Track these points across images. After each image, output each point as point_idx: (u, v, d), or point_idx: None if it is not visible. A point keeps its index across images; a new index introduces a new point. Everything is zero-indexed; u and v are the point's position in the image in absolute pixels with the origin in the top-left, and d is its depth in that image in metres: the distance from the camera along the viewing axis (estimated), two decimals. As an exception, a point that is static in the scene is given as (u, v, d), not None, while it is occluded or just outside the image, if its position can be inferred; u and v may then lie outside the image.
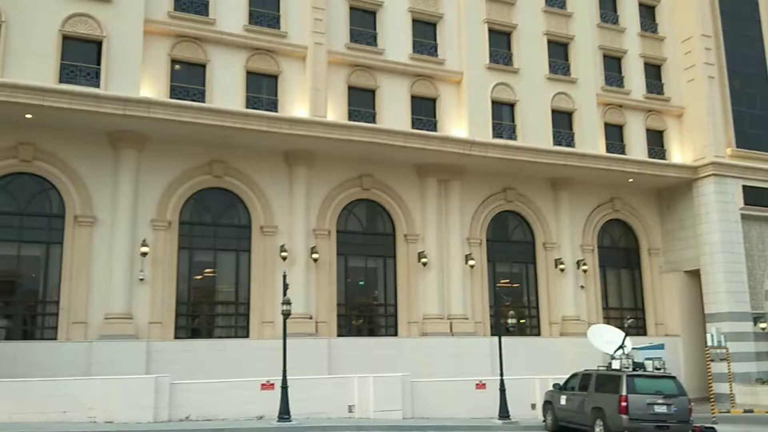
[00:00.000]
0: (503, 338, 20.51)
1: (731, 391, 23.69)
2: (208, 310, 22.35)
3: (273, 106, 22.87)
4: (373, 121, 23.99)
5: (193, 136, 21.25)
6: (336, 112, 23.44)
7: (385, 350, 22.75)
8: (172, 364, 19.53)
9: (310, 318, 22.36)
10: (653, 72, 29.71)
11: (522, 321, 26.40)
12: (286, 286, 18.28)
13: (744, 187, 27.83)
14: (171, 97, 21.26)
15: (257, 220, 22.64)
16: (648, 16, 30.23)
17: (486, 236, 26.05)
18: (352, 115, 23.77)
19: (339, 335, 22.97)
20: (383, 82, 24.49)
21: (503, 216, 26.75)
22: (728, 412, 22.80)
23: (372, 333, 24.26)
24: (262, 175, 22.75)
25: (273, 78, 23.16)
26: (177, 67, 22.03)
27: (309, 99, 22.85)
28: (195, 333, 21.85)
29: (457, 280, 24.66)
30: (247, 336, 21.94)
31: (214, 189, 22.43)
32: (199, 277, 22.24)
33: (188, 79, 22.06)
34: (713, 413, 20.30)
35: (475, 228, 25.70)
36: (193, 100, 21.38)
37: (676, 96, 29.46)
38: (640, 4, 30.00)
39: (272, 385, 17.93)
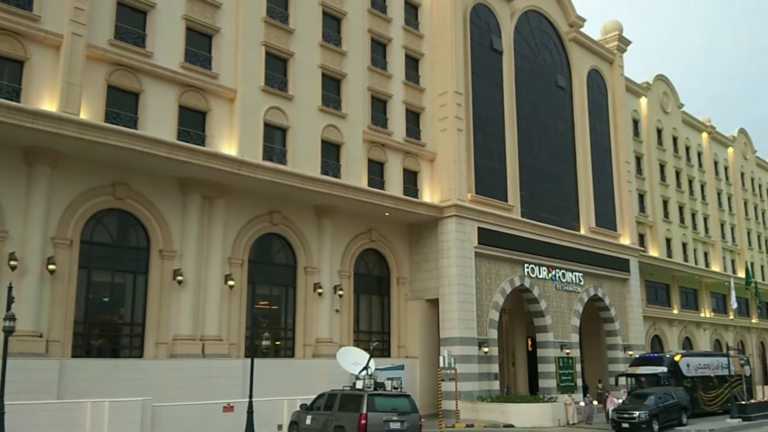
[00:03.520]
0: (258, 360, 20.40)
1: (457, 407, 26.38)
2: None
3: (15, 94, 20.27)
4: (135, 126, 22.51)
5: None
6: (91, 111, 21.53)
7: (129, 373, 21.21)
8: None
9: (40, 336, 19.91)
10: (413, 118, 32.48)
11: (278, 343, 26.48)
12: (11, 300, 16.16)
13: (479, 228, 31.49)
14: None
15: (-17, 222, 19.70)
16: (412, 67, 33.05)
17: (248, 257, 25.85)
18: (110, 117, 22.04)
19: (75, 356, 20.84)
20: (149, 87, 23.17)
21: (268, 238, 26.83)
22: (453, 426, 25.25)
23: (115, 354, 22.36)
24: (-7, 171, 19.96)
25: (18, 63, 20.57)
26: None
27: (60, 93, 20.66)
28: None
29: (214, 300, 23.99)
30: (-45, 356, 18.75)
31: (-72, 181, 19.12)
32: None
33: None
34: (440, 428, 22.21)
35: (237, 248, 25.33)
36: None
37: (431, 142, 32.46)
38: (407, 56, 32.72)
39: (-17, 411, 15.51)
